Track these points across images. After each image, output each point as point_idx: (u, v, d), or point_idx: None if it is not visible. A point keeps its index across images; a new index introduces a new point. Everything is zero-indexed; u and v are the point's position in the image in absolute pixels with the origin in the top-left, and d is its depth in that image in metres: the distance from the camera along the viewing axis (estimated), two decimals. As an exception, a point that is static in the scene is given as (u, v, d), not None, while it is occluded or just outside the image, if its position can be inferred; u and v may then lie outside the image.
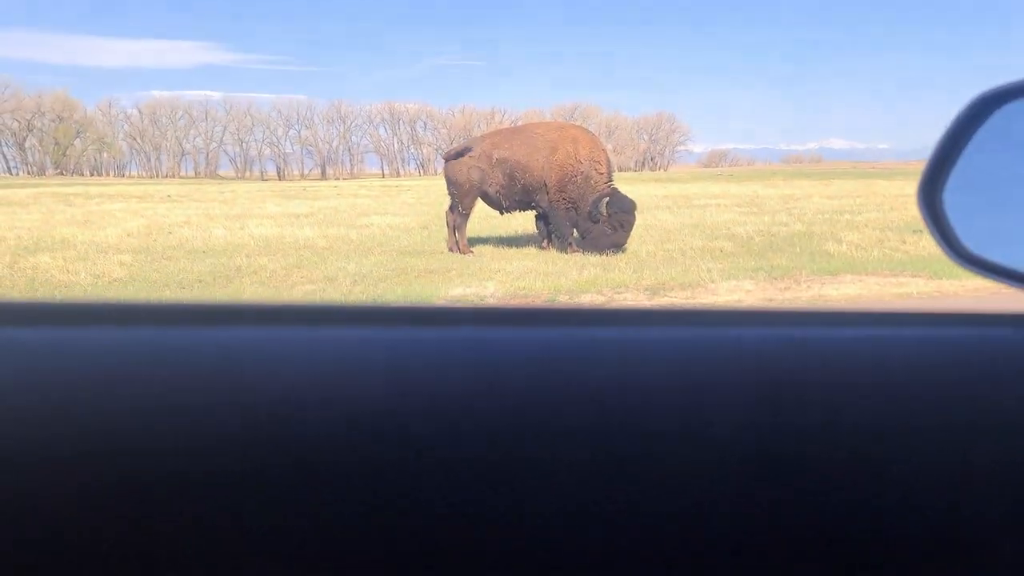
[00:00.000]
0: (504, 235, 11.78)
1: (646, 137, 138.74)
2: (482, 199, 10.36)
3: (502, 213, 10.96)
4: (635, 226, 9.67)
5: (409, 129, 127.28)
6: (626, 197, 9.53)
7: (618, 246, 9.32)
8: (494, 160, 10.03)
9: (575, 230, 9.79)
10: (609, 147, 10.95)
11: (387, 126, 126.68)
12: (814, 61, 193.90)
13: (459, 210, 10.33)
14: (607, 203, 9.28)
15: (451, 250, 10.04)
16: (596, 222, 9.36)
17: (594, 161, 9.65)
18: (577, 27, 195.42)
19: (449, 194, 10.57)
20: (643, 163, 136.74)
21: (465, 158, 10.26)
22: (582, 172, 9.64)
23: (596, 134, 10.49)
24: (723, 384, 0.63)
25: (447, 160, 10.73)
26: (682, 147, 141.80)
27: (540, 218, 10.32)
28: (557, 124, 10.36)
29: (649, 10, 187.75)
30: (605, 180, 9.60)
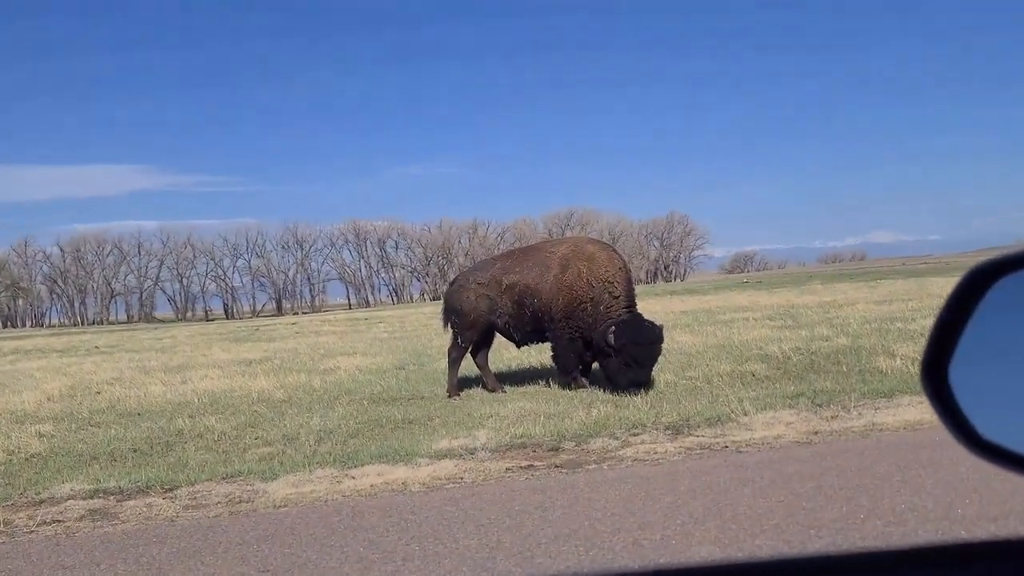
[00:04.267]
0: (498, 371, 11.89)
1: (657, 243, 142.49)
2: (495, 330, 10.67)
3: (518, 346, 11.22)
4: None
5: (378, 250, 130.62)
6: (644, 324, 9.50)
7: (638, 384, 9.19)
8: (504, 286, 10.34)
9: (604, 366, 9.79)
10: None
11: (352, 248, 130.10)
12: (850, 145, 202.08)
13: (459, 343, 10.58)
14: (614, 333, 9.30)
15: (450, 397, 10.15)
16: (608, 355, 9.43)
17: (607, 283, 9.82)
18: (565, 117, 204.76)
19: (450, 325, 10.84)
20: (655, 273, 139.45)
21: (472, 284, 10.62)
22: (592, 297, 9.82)
23: (612, 247, 10.79)
24: None
25: (450, 287, 11.14)
26: (700, 252, 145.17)
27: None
28: (573, 240, 10.73)
29: (647, 94, 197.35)
30: (622, 305, 9.72)
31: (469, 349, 10.73)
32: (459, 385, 10.59)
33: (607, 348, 9.35)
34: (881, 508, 4.65)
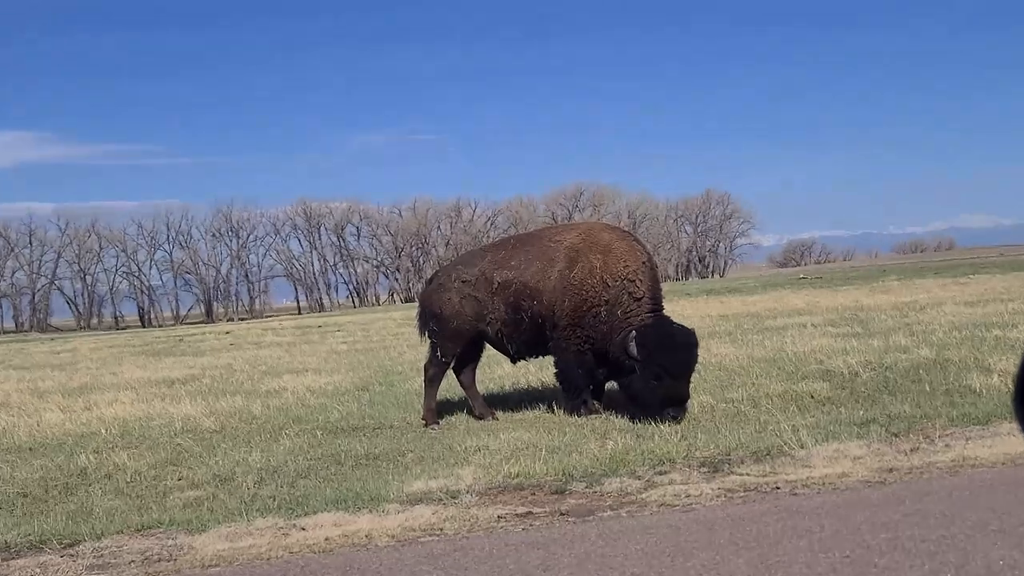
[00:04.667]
0: (487, 392, 11.92)
1: (689, 229, 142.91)
2: (485, 340, 10.73)
3: (514, 361, 11.26)
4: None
5: (335, 239, 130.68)
6: (672, 326, 9.61)
7: (676, 401, 9.20)
8: (495, 284, 10.36)
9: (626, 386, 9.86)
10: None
11: (302, 237, 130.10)
12: (933, 108, 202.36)
13: (438, 358, 10.61)
14: (635, 341, 9.35)
15: (427, 425, 10.18)
16: (631, 371, 9.47)
17: (627, 280, 9.86)
18: (574, 73, 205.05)
19: (427, 335, 10.87)
20: (687, 267, 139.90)
21: (455, 283, 10.63)
22: (607, 299, 9.85)
23: (634, 235, 10.85)
24: None
25: (428, 286, 11.20)
26: (744, 240, 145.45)
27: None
28: (584, 226, 10.76)
29: (676, 43, 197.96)
30: (646, 308, 9.76)
31: (451, 364, 10.75)
32: (439, 411, 10.60)
33: (628, 361, 9.37)
34: (974, 566, 4.66)
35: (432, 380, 10.63)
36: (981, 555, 4.79)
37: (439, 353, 10.65)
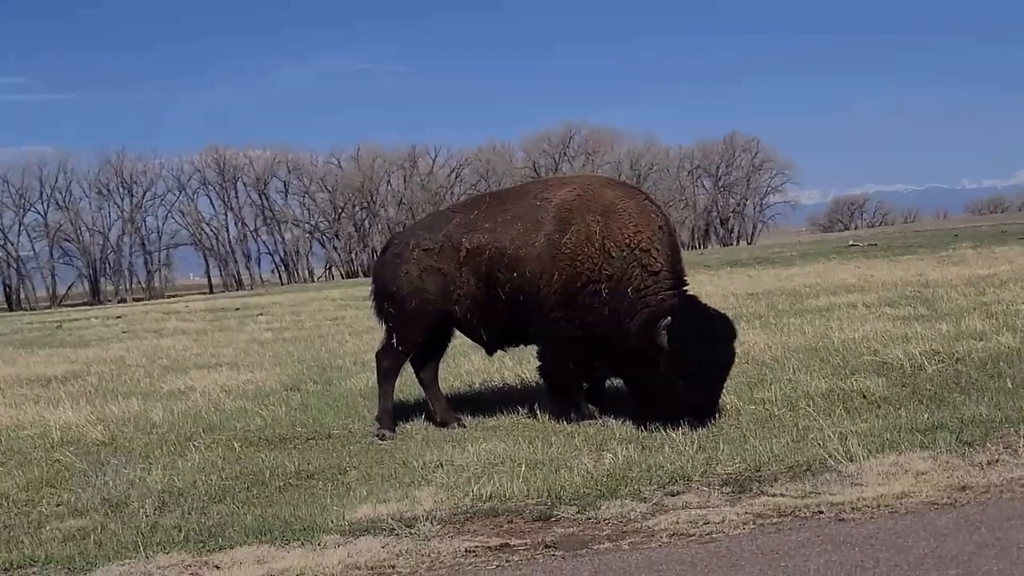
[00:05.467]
0: (452, 391, 11.93)
1: (708, 182, 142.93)
2: (453, 325, 10.74)
3: (488, 352, 11.32)
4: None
5: (256, 198, 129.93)
6: (712, 314, 9.66)
7: (706, 409, 9.34)
8: (465, 253, 10.36)
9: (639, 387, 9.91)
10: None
11: (214, 194, 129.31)
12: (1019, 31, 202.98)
13: (394, 347, 10.62)
14: (668, 328, 9.28)
15: (378, 432, 10.24)
16: (653, 365, 9.45)
17: (639, 250, 9.84)
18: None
19: (382, 318, 10.90)
20: (706, 231, 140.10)
21: (414, 252, 10.63)
22: (611, 272, 9.85)
23: (644, 192, 10.82)
24: None
25: (382, 256, 11.22)
26: (778, 197, 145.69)
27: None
28: (579, 181, 10.80)
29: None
30: (665, 285, 9.78)
31: (411, 355, 10.74)
32: (394, 414, 10.60)
33: (653, 352, 9.35)
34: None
35: (387, 374, 10.63)
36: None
37: (395, 341, 10.65)
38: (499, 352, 11.49)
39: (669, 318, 9.33)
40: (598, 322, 9.91)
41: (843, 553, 5.72)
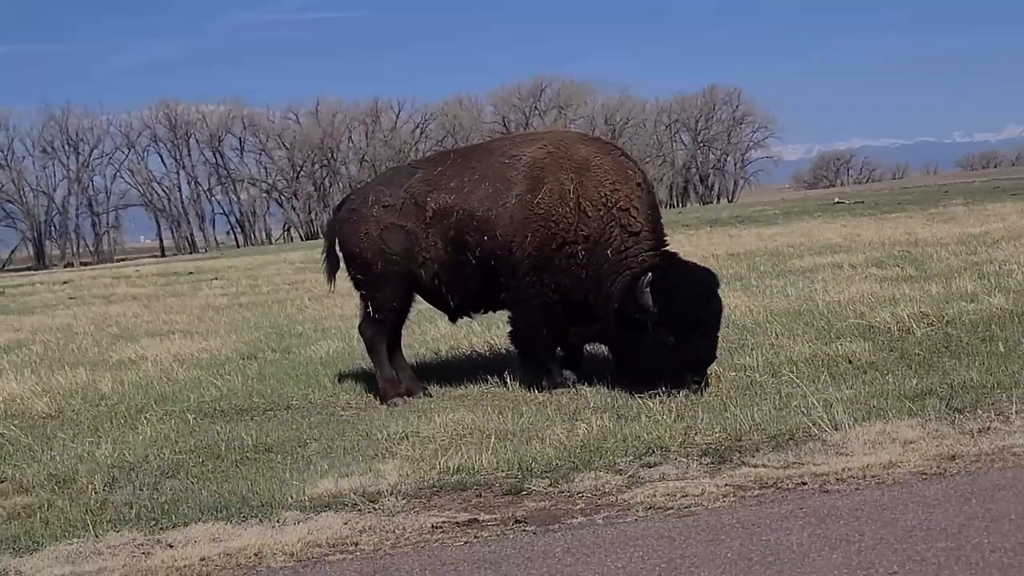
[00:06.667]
0: (417, 358, 11.87)
1: (687, 137, 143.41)
2: (416, 290, 10.68)
3: (453, 318, 11.28)
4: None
5: (210, 155, 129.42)
6: (697, 270, 9.71)
7: (699, 364, 9.35)
8: (431, 212, 10.25)
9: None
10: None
11: (165, 152, 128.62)
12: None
13: (372, 316, 10.58)
14: (651, 286, 9.27)
15: (387, 400, 10.18)
16: (640, 329, 9.38)
17: (617, 209, 9.81)
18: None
19: (352, 282, 10.85)
20: (684, 188, 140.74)
21: (374, 209, 10.51)
22: (587, 233, 9.80)
23: (620, 148, 10.83)
24: None
25: (336, 214, 11.18)
26: (761, 152, 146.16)
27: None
28: (551, 136, 10.65)
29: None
30: (646, 246, 9.76)
31: (395, 320, 10.74)
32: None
33: (639, 314, 9.31)
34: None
35: (373, 345, 10.56)
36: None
37: (371, 308, 10.56)
38: (465, 318, 11.38)
39: (650, 274, 9.33)
40: (575, 286, 9.86)
41: (828, 526, 5.71)
